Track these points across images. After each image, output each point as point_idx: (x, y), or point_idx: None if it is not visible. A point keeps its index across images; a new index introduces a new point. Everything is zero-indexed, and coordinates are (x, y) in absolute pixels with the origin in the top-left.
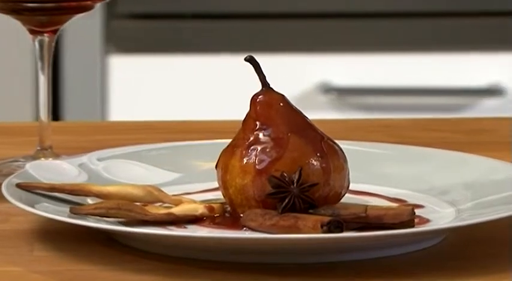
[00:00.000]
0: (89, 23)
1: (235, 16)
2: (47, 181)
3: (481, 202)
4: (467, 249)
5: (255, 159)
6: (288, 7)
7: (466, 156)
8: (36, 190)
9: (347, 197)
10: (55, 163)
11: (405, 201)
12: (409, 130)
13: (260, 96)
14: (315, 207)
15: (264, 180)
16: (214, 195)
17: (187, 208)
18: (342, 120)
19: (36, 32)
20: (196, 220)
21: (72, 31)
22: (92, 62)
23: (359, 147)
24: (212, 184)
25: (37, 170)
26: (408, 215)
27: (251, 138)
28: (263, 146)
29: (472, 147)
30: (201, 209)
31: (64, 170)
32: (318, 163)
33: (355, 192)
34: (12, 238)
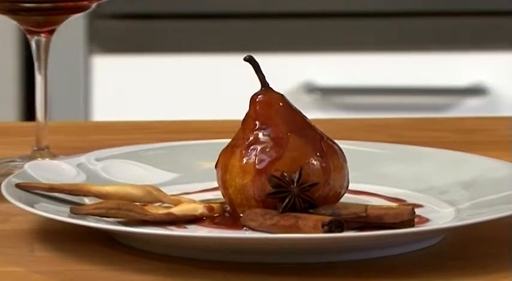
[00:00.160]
0: (73, 23)
1: (218, 16)
2: (46, 181)
3: (480, 202)
4: (467, 248)
5: (255, 159)
6: (272, 7)
7: (465, 155)
8: (35, 190)
9: (346, 196)
10: (54, 163)
11: (404, 201)
12: (407, 130)
13: (260, 96)
14: (315, 207)
15: (264, 180)
16: (213, 195)
17: (187, 208)
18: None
19: (32, 32)
20: (196, 220)
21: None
22: (76, 62)
23: (358, 147)
24: (211, 184)
25: (36, 170)
26: (408, 214)
27: (251, 138)
28: (263, 145)
29: (470, 146)
30: (201, 209)
31: (63, 170)
32: (318, 163)
33: (354, 192)
34: (12, 238)
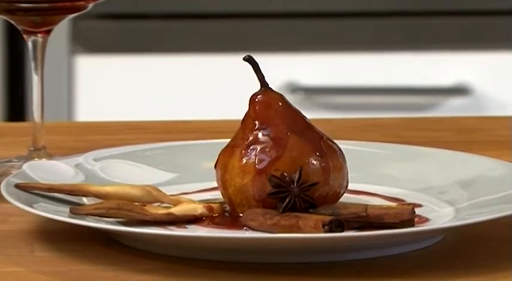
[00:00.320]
0: None
1: (202, 16)
2: (45, 182)
3: (480, 201)
4: (466, 248)
5: (255, 159)
6: (255, 7)
7: (464, 155)
8: (34, 190)
9: (345, 196)
10: (52, 163)
11: (403, 200)
12: (403, 130)
13: (259, 96)
14: (315, 206)
15: (264, 180)
16: (211, 195)
17: (186, 208)
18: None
19: (29, 33)
20: (195, 220)
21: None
22: (59, 62)
23: (357, 146)
24: (209, 184)
25: (34, 170)
26: (409, 214)
27: (250, 138)
28: (263, 145)
29: (468, 146)
30: (201, 209)
31: (61, 170)
32: (318, 163)
33: (353, 191)
34: (11, 239)
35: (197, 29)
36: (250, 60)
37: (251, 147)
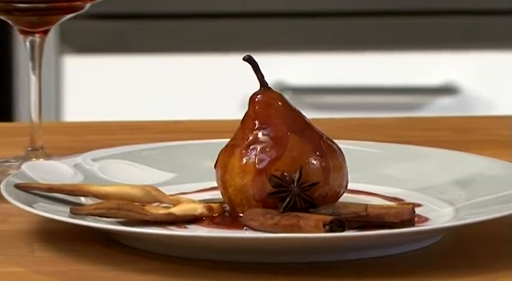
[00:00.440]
0: None
1: (190, 16)
2: (44, 182)
3: (479, 201)
4: (466, 248)
5: (255, 158)
6: (243, 7)
7: (463, 155)
8: (34, 191)
9: (344, 196)
10: (51, 164)
11: (402, 200)
12: (399, 129)
13: (259, 95)
14: (316, 206)
15: (264, 179)
16: (210, 195)
17: (186, 208)
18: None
19: (27, 33)
20: (195, 220)
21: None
22: (47, 62)
23: (356, 146)
24: (208, 184)
25: (33, 170)
26: (409, 214)
27: (250, 137)
28: (263, 145)
29: (465, 145)
30: (200, 209)
31: (60, 170)
32: (318, 162)
33: (352, 191)
34: (11, 239)
35: (184, 29)
36: (249, 60)
37: (251, 147)
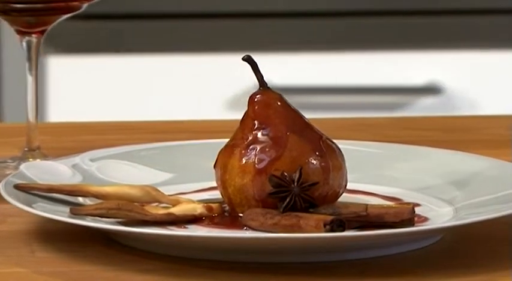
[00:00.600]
0: None
1: (175, 16)
2: (43, 182)
3: (479, 201)
4: (465, 247)
5: (255, 158)
6: (228, 7)
7: (461, 154)
8: (34, 191)
9: (343, 196)
10: (49, 164)
11: (401, 200)
12: (391, 129)
13: (258, 95)
14: (316, 206)
15: (264, 179)
16: (209, 195)
17: (186, 208)
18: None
19: (23, 33)
20: (195, 220)
21: (10, 32)
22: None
23: (354, 146)
24: (206, 184)
25: (32, 171)
26: (409, 213)
27: (250, 137)
28: (262, 145)
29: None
30: (200, 209)
31: (59, 171)
32: (318, 162)
33: (351, 191)
34: (10, 239)
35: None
36: (249, 60)
37: (251, 147)
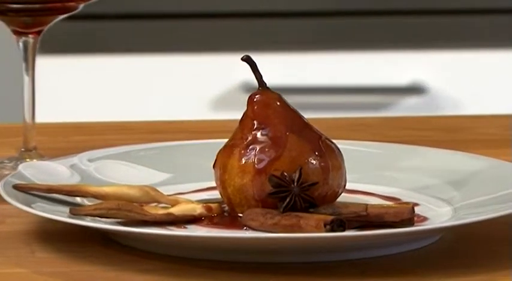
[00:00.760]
0: None
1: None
2: (41, 182)
3: (478, 200)
4: (465, 247)
5: (254, 158)
6: (211, 7)
7: (460, 154)
8: (33, 191)
9: (342, 196)
10: (47, 164)
11: (400, 199)
12: (387, 129)
13: (257, 95)
14: (315, 206)
15: (264, 179)
16: (207, 195)
17: (185, 208)
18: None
19: (20, 33)
20: (194, 220)
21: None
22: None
23: (352, 146)
24: (204, 184)
25: (30, 171)
26: (409, 213)
27: (249, 137)
28: (262, 145)
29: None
30: (199, 209)
31: (57, 171)
32: (317, 162)
33: (349, 191)
34: (10, 240)
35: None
36: (248, 60)
37: (250, 147)
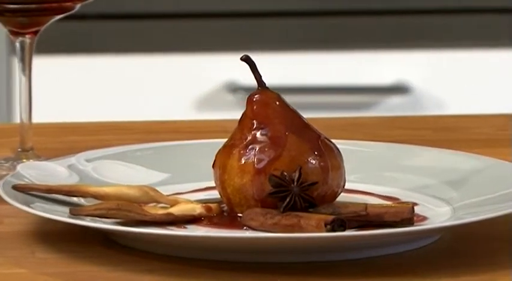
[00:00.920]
0: None
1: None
2: (40, 183)
3: (477, 200)
4: (466, 246)
5: (254, 158)
6: (193, 7)
7: (458, 154)
8: (32, 192)
9: (341, 196)
10: (46, 164)
11: (398, 199)
12: (380, 129)
13: (256, 95)
14: (315, 206)
15: (264, 179)
16: (205, 195)
17: (185, 208)
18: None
19: (17, 34)
20: (194, 220)
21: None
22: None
23: (352, 146)
24: (202, 184)
25: (29, 171)
26: (408, 212)
27: (249, 137)
28: (261, 145)
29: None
30: (199, 209)
31: (56, 171)
32: (317, 162)
33: (348, 191)
34: (10, 240)
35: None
36: (247, 60)
37: (250, 147)
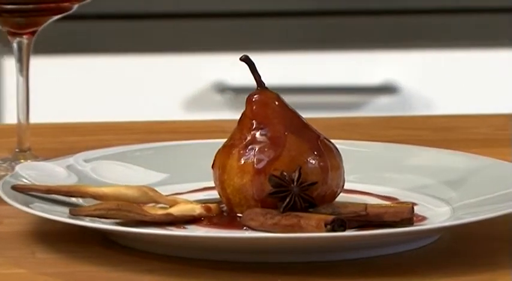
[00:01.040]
0: None
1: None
2: (39, 183)
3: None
4: (465, 246)
5: (253, 158)
6: (182, 7)
7: (458, 154)
8: (32, 192)
9: (340, 196)
10: (44, 165)
11: (397, 199)
12: (376, 129)
13: (256, 95)
14: (315, 206)
15: (263, 179)
16: (204, 195)
17: (184, 208)
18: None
19: (14, 34)
20: (194, 220)
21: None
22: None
23: (351, 146)
24: (201, 184)
25: (28, 172)
26: (408, 212)
27: (248, 137)
28: (261, 145)
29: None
30: (199, 209)
31: (54, 171)
32: (316, 162)
33: (347, 191)
34: (9, 240)
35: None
36: (246, 60)
37: (249, 147)
